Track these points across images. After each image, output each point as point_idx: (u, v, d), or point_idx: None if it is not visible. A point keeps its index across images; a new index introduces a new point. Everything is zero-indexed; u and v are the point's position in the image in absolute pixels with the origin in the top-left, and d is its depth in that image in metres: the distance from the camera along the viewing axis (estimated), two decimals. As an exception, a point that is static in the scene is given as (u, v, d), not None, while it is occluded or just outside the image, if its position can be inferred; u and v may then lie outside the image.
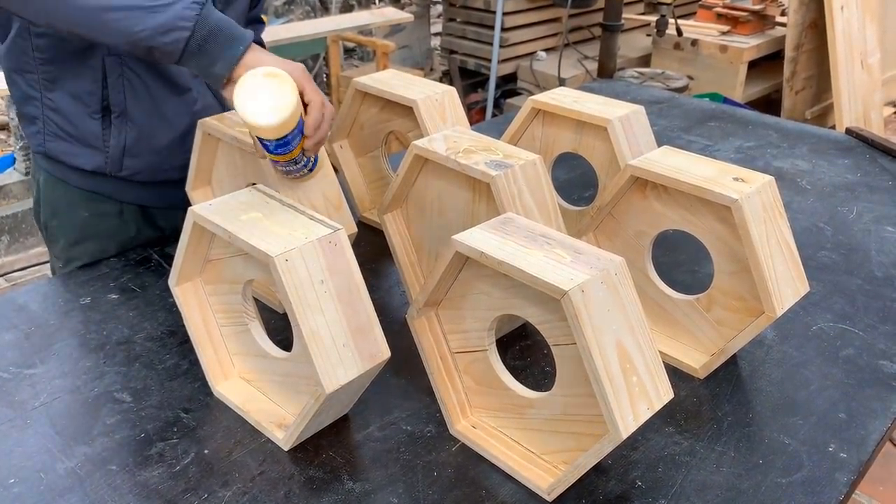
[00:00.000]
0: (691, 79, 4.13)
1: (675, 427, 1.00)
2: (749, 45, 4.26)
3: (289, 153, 1.03)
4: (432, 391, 0.99)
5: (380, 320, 0.92)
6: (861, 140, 1.95)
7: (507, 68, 4.56)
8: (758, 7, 4.43)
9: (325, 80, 4.39)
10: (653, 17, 4.19)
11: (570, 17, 4.39)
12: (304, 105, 1.03)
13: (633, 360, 0.82)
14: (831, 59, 4.01)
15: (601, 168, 1.29)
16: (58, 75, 1.19)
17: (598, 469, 0.92)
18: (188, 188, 1.27)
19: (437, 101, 1.29)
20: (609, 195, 1.13)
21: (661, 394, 0.85)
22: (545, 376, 1.08)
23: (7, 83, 1.24)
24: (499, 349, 0.96)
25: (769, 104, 4.54)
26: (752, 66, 4.37)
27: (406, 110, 1.31)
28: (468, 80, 4.76)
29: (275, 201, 0.95)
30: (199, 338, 1.02)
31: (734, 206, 0.99)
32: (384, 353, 0.91)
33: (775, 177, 1.06)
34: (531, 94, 2.62)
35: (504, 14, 4.36)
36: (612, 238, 1.17)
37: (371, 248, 1.38)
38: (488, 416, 0.98)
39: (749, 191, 1.00)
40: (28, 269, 3.15)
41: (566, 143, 1.32)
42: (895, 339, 1.18)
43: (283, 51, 3.53)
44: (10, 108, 3.41)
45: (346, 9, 4.53)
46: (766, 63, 4.53)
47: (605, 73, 3.34)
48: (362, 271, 0.91)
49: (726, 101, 3.80)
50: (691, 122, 2.07)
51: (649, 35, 4.69)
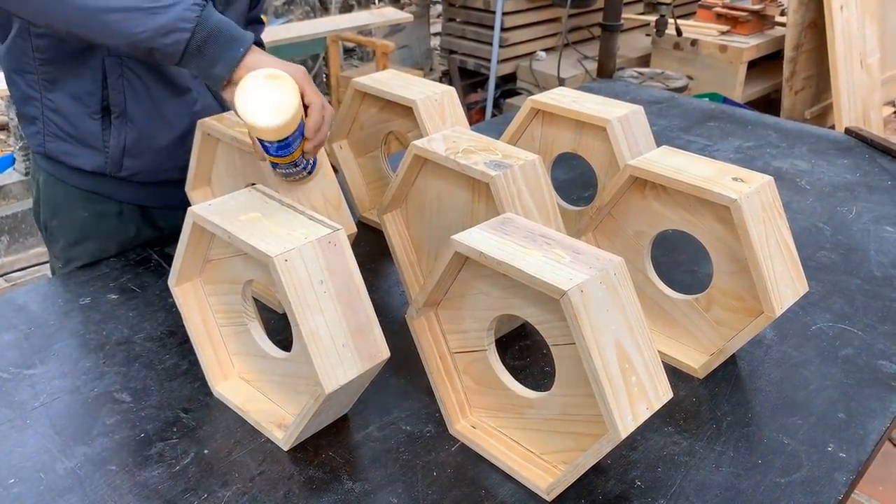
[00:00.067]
0: (691, 79, 4.14)
1: (674, 427, 1.00)
2: (748, 44, 4.27)
3: (289, 155, 1.03)
4: (432, 391, 0.99)
5: (379, 320, 0.92)
6: (860, 140, 1.95)
7: (507, 68, 4.56)
8: (757, 7, 4.43)
9: (324, 80, 4.39)
10: (652, 17, 4.19)
11: (570, 17, 4.39)
12: (305, 107, 1.03)
13: (632, 359, 0.82)
14: (831, 59, 4.01)
15: (600, 168, 1.29)
16: (57, 76, 1.19)
17: (597, 469, 0.92)
18: (188, 188, 1.27)
19: (437, 101, 1.29)
20: (608, 195, 1.13)
21: (661, 394, 0.85)
22: (544, 376, 1.08)
23: (7, 83, 1.24)
24: (498, 349, 0.96)
25: (769, 104, 4.54)
26: (752, 65, 4.37)
27: (405, 110, 1.31)
28: (468, 80, 4.77)
29: (274, 201, 0.95)
30: (198, 338, 1.02)
31: (733, 206, 0.99)
32: (384, 353, 0.91)
33: (775, 177, 1.06)
34: (531, 94, 2.62)
35: (503, 14, 4.36)
36: (612, 238, 1.17)
37: (370, 248, 1.38)
38: (488, 416, 0.98)
39: (748, 191, 1.00)
40: (28, 270, 3.15)
41: (565, 143, 1.32)
42: (894, 338, 1.18)
43: (283, 51, 3.53)
44: (9, 108, 3.41)
45: (346, 9, 4.53)
46: (766, 63, 4.53)
47: (605, 73, 3.34)
48: (362, 271, 0.91)
49: (726, 101, 3.80)
50: (691, 122, 2.07)
51: (649, 35, 4.69)
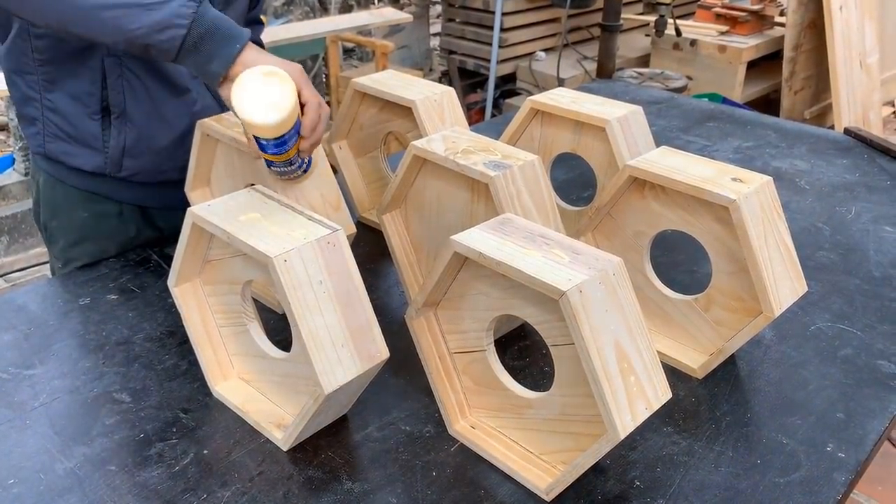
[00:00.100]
0: (690, 79, 4.14)
1: (673, 427, 1.00)
2: (748, 45, 4.27)
3: (284, 153, 1.02)
4: (431, 391, 0.99)
5: (379, 321, 0.92)
6: (859, 140, 1.95)
7: (507, 68, 4.56)
8: (756, 7, 4.43)
9: (324, 80, 4.39)
10: (652, 18, 4.20)
11: (569, 17, 4.40)
12: (302, 105, 1.03)
13: (631, 360, 0.82)
14: (830, 60, 4.02)
15: (600, 168, 1.29)
16: (57, 76, 1.19)
17: (596, 469, 0.92)
18: (187, 189, 1.27)
19: (436, 101, 1.29)
20: (607, 195, 1.13)
21: (660, 394, 0.85)
22: (544, 376, 1.08)
23: (7, 84, 1.24)
24: (497, 349, 0.96)
25: (768, 104, 4.54)
26: (751, 66, 4.37)
27: (405, 111, 1.31)
28: (467, 80, 4.77)
29: (273, 202, 0.95)
30: (198, 338, 1.02)
31: (732, 207, 0.99)
32: (383, 353, 0.91)
33: (774, 177, 1.06)
34: (530, 94, 2.62)
35: (503, 14, 4.36)
36: (611, 238, 1.17)
37: (370, 249, 1.38)
38: (487, 417, 0.98)
39: (747, 191, 1.01)
40: (27, 270, 3.15)
41: (565, 143, 1.32)
42: (893, 338, 1.18)
43: (283, 51, 3.53)
44: (9, 108, 3.41)
45: (345, 9, 4.53)
46: (765, 63, 4.54)
47: (604, 74, 3.34)
48: (361, 272, 0.91)
49: (725, 101, 3.80)
50: (690, 123, 2.08)
51: (648, 35, 4.69)
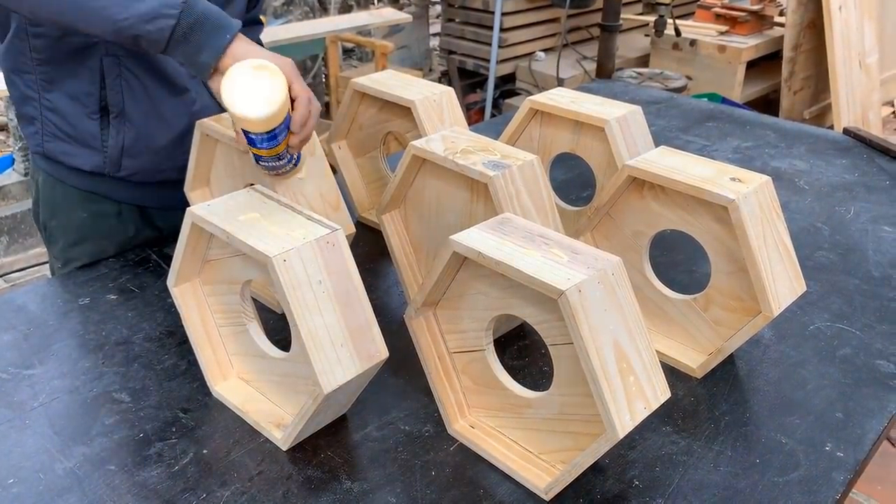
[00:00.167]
0: (690, 79, 4.14)
1: (672, 426, 1.00)
2: (747, 45, 4.27)
3: (274, 148, 1.01)
4: (430, 391, 0.99)
5: (378, 320, 0.92)
6: (859, 140, 1.96)
7: (506, 69, 4.56)
8: (756, 7, 4.44)
9: (323, 80, 4.40)
10: (651, 18, 4.20)
11: (569, 17, 4.40)
12: (292, 100, 1.02)
13: (630, 359, 0.82)
14: (829, 60, 4.02)
15: (599, 168, 1.29)
16: (55, 76, 1.19)
17: (595, 468, 0.92)
18: (186, 189, 1.27)
19: (436, 101, 1.29)
20: (606, 195, 1.13)
21: (658, 393, 0.85)
22: (543, 376, 1.08)
23: (6, 84, 1.24)
24: (497, 349, 0.96)
25: (767, 104, 4.55)
26: (751, 66, 4.38)
27: (404, 111, 1.31)
28: (467, 80, 4.77)
29: (273, 202, 0.95)
30: (197, 338, 1.02)
31: (731, 207, 0.99)
32: (382, 353, 0.92)
33: (773, 177, 1.07)
34: (530, 94, 2.62)
35: (503, 14, 4.37)
36: (610, 238, 1.17)
37: (369, 249, 1.38)
38: (486, 416, 0.98)
39: (746, 191, 1.01)
40: (27, 270, 3.15)
41: (564, 143, 1.32)
42: (892, 338, 1.18)
43: (282, 51, 3.51)
44: (9, 108, 3.41)
45: (345, 9, 4.53)
46: (765, 63, 4.54)
47: (604, 74, 3.35)
48: (361, 271, 0.91)
49: (724, 101, 3.80)
50: (689, 123, 2.08)
51: (648, 35, 4.69)
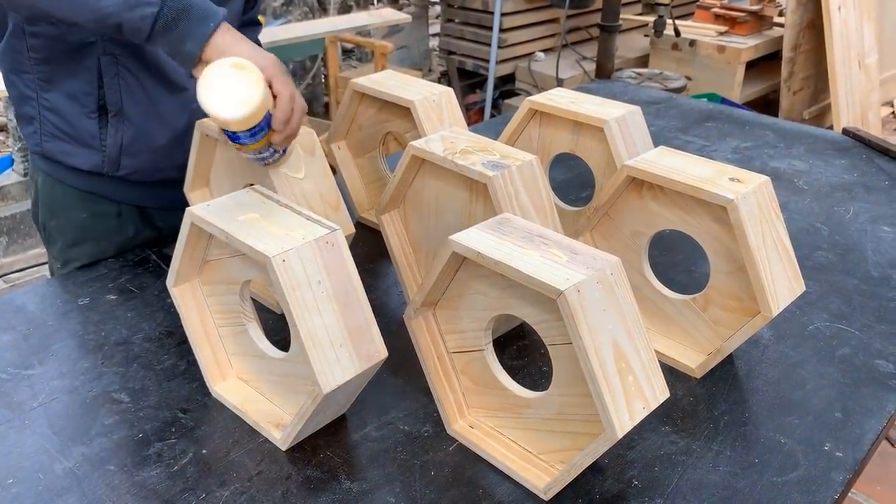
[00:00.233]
0: (689, 79, 4.14)
1: (671, 426, 1.00)
2: (747, 45, 4.27)
3: (254, 144, 1.00)
4: (429, 391, 0.99)
5: (377, 320, 0.92)
6: (858, 140, 1.96)
7: (506, 69, 4.57)
8: (755, 7, 4.44)
9: (323, 80, 4.40)
10: (650, 18, 4.20)
11: (569, 17, 4.40)
12: (275, 97, 1.00)
13: (629, 359, 0.82)
14: (829, 60, 4.02)
15: (598, 168, 1.29)
16: (53, 75, 1.19)
17: (594, 468, 0.92)
18: (186, 189, 1.27)
19: (435, 101, 1.29)
20: (605, 195, 1.13)
21: (658, 393, 0.85)
22: (542, 376, 1.09)
23: (5, 84, 1.24)
24: (496, 349, 0.96)
25: (767, 104, 4.55)
26: (750, 66, 4.38)
27: (404, 111, 1.31)
28: (466, 80, 4.77)
29: (272, 202, 0.96)
30: (196, 338, 1.03)
31: (730, 207, 0.99)
32: (381, 353, 0.92)
33: (772, 177, 1.07)
34: (529, 94, 2.62)
35: (502, 15, 4.37)
36: (609, 238, 1.17)
37: (369, 249, 1.38)
38: (485, 416, 0.98)
39: (745, 191, 1.01)
40: (27, 270, 3.15)
41: (563, 143, 1.32)
42: (891, 338, 1.18)
43: (282, 52, 3.53)
44: (8, 109, 3.41)
45: (345, 10, 4.53)
46: (764, 63, 4.54)
47: (603, 74, 3.35)
48: (360, 272, 0.91)
49: (724, 101, 3.81)
50: (689, 123, 2.08)
51: (647, 36, 4.69)
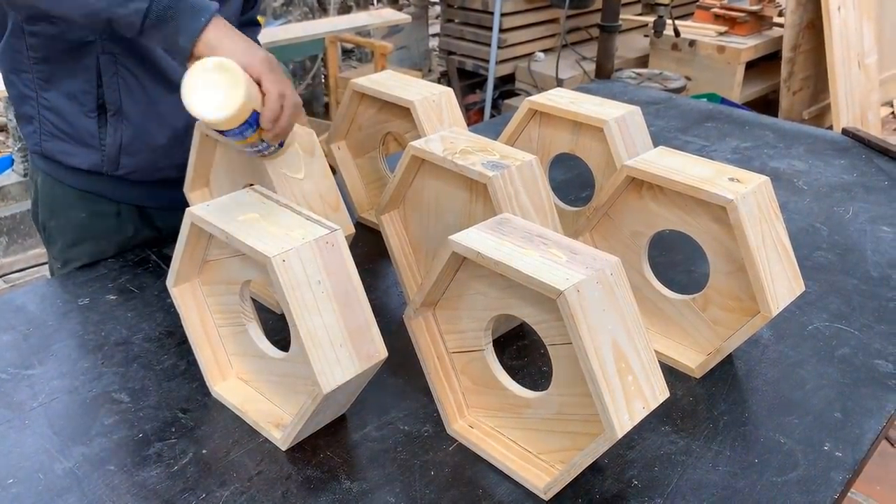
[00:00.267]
0: (689, 79, 4.15)
1: (671, 426, 1.00)
2: (746, 45, 4.27)
3: (243, 140, 1.01)
4: (429, 391, 0.99)
5: (377, 320, 0.92)
6: (858, 140, 1.96)
7: (506, 69, 4.57)
8: (755, 8, 4.44)
9: (322, 81, 4.40)
10: (650, 18, 4.20)
11: (568, 17, 4.40)
12: (264, 96, 0.99)
13: (628, 359, 0.82)
14: (828, 60, 4.02)
15: (597, 169, 1.29)
16: (52, 75, 1.19)
17: (594, 468, 0.92)
18: (186, 189, 1.27)
19: (435, 102, 1.29)
20: (605, 195, 1.13)
21: (657, 393, 0.85)
22: (542, 376, 1.09)
23: (4, 84, 1.24)
24: (496, 349, 0.96)
25: (767, 105, 4.55)
26: (750, 66, 4.38)
27: (403, 111, 1.31)
28: (466, 80, 4.77)
29: (272, 202, 0.96)
30: (196, 338, 1.03)
31: (729, 207, 0.99)
32: (381, 353, 0.92)
33: (772, 177, 1.07)
34: (529, 94, 2.62)
35: (502, 15, 4.37)
36: (609, 238, 1.17)
37: (369, 249, 1.38)
38: (485, 416, 0.98)
39: (744, 191, 1.01)
40: (27, 271, 3.15)
41: (563, 143, 1.32)
42: (890, 338, 1.18)
43: (282, 52, 3.53)
44: (8, 109, 3.41)
45: (344, 10, 4.53)
46: (764, 63, 4.54)
47: (603, 74, 3.35)
48: (360, 272, 0.91)
49: (724, 101, 3.81)
50: (688, 123, 2.08)
51: (647, 36, 4.70)
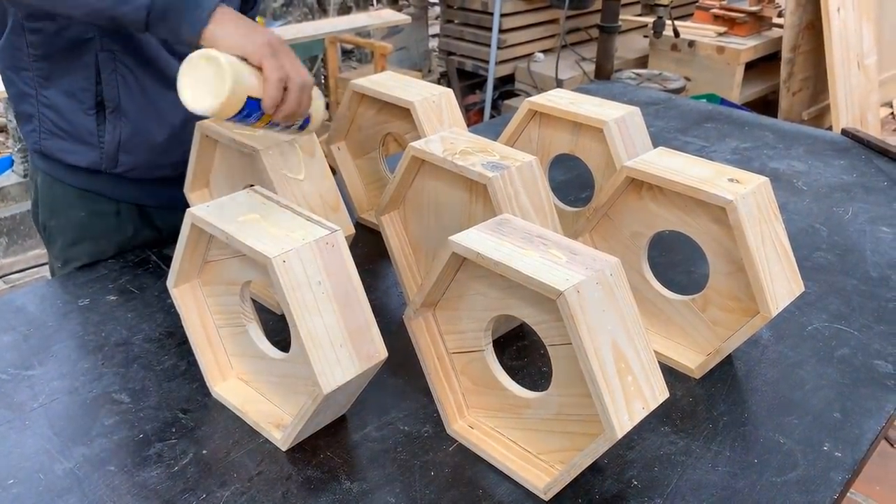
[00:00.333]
0: (688, 80, 4.14)
1: (670, 427, 1.00)
2: (746, 46, 4.28)
3: (253, 124, 1.02)
4: (429, 391, 0.99)
5: (377, 321, 0.92)
6: (857, 141, 1.96)
7: (505, 70, 4.57)
8: (755, 8, 4.44)
9: (322, 81, 4.40)
10: (650, 19, 4.20)
11: (568, 18, 4.40)
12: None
13: (628, 359, 0.82)
14: (828, 61, 4.02)
15: (597, 169, 1.29)
16: (52, 72, 1.20)
17: (594, 468, 0.92)
18: (186, 190, 1.27)
19: (434, 102, 1.30)
20: (605, 196, 1.13)
21: (657, 393, 0.85)
22: (542, 376, 1.09)
23: (3, 82, 1.24)
24: (496, 349, 0.96)
25: (766, 105, 4.55)
26: (749, 67, 4.38)
27: (403, 112, 1.31)
28: (466, 81, 4.77)
29: (272, 203, 0.96)
30: (197, 339, 1.03)
31: (729, 207, 1.00)
32: (381, 353, 0.92)
33: (772, 178, 1.07)
34: (529, 95, 2.62)
35: (502, 15, 4.37)
36: (608, 239, 1.18)
37: (369, 250, 1.38)
38: (485, 416, 0.98)
39: (744, 192, 1.01)
40: (27, 271, 3.15)
41: (562, 144, 1.32)
42: (890, 338, 1.19)
43: (281, 52, 3.52)
44: (7, 110, 3.41)
45: (344, 11, 4.53)
46: (763, 64, 4.54)
47: (603, 75, 3.35)
48: (360, 272, 0.92)
49: (723, 102, 3.81)
50: (688, 124, 2.08)
51: (646, 36, 4.70)
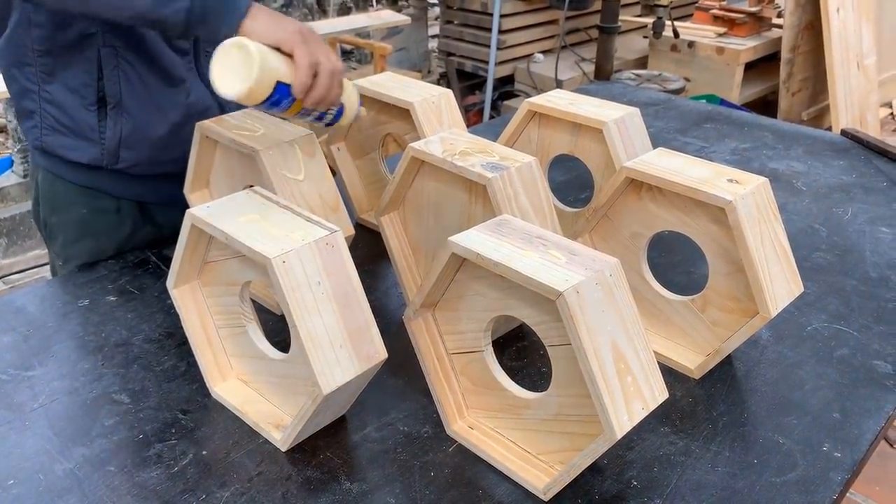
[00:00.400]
0: (688, 80, 4.15)
1: (670, 427, 1.00)
2: (745, 46, 4.28)
3: (284, 111, 1.06)
4: (429, 392, 0.99)
5: (377, 322, 0.92)
6: (856, 141, 1.96)
7: (505, 70, 4.57)
8: (754, 9, 4.45)
9: (322, 82, 4.39)
10: (649, 20, 4.20)
11: (567, 19, 4.40)
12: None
13: (627, 360, 0.83)
14: (827, 61, 4.03)
15: (597, 170, 1.29)
16: (55, 68, 1.20)
17: (593, 469, 0.92)
18: (186, 191, 1.28)
19: (434, 103, 1.30)
20: (604, 197, 1.14)
21: (656, 394, 0.86)
22: (542, 377, 1.09)
23: (5, 80, 1.25)
24: (496, 350, 0.96)
25: (766, 106, 4.55)
26: (749, 67, 4.38)
27: (403, 113, 1.31)
28: (466, 82, 4.77)
29: (272, 203, 0.96)
30: (196, 340, 1.03)
31: (728, 208, 1.00)
32: (381, 354, 0.92)
33: (771, 178, 1.07)
34: (528, 96, 2.62)
35: (501, 16, 4.37)
36: (608, 239, 1.18)
37: (368, 250, 1.38)
38: (485, 417, 0.99)
39: (743, 192, 1.01)
40: (27, 272, 3.15)
41: (562, 145, 1.32)
42: (889, 339, 1.19)
43: (281, 53, 3.52)
44: (7, 110, 3.41)
45: (344, 11, 4.53)
46: (763, 65, 4.54)
47: (602, 75, 3.36)
48: (360, 273, 0.92)
49: (723, 102, 3.81)
50: (687, 124, 2.08)
51: (646, 37, 4.70)
